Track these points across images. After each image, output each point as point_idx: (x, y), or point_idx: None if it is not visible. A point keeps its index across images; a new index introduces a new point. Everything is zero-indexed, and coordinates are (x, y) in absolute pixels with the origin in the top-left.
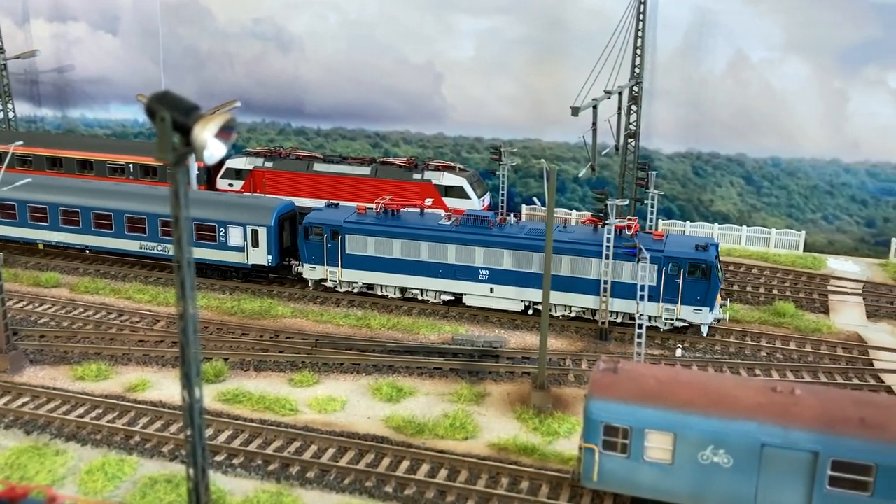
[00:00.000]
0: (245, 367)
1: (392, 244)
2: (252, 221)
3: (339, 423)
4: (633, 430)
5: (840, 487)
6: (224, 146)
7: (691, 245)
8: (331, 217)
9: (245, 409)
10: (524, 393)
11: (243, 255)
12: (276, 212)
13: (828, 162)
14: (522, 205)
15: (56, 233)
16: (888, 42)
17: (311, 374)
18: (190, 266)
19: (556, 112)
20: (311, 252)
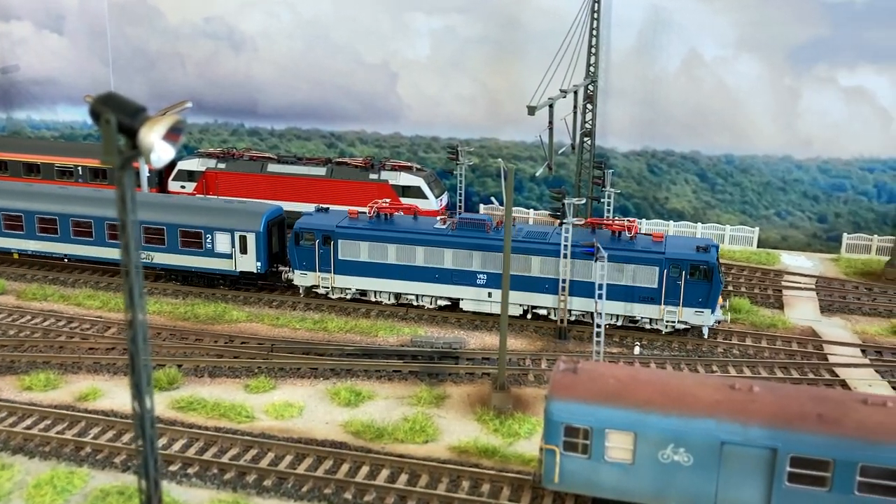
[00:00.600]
0: (199, 373)
1: (386, 249)
2: (240, 227)
3: (297, 430)
4: (594, 431)
5: (799, 483)
6: (172, 149)
7: (692, 246)
8: (322, 222)
9: (200, 416)
10: (484, 394)
11: (231, 261)
12: (265, 217)
13: (780, 159)
14: (480, 204)
15: (32, 241)
16: (837, 40)
17: (267, 379)
18: (138, 272)
19: (513, 111)
20: (302, 258)
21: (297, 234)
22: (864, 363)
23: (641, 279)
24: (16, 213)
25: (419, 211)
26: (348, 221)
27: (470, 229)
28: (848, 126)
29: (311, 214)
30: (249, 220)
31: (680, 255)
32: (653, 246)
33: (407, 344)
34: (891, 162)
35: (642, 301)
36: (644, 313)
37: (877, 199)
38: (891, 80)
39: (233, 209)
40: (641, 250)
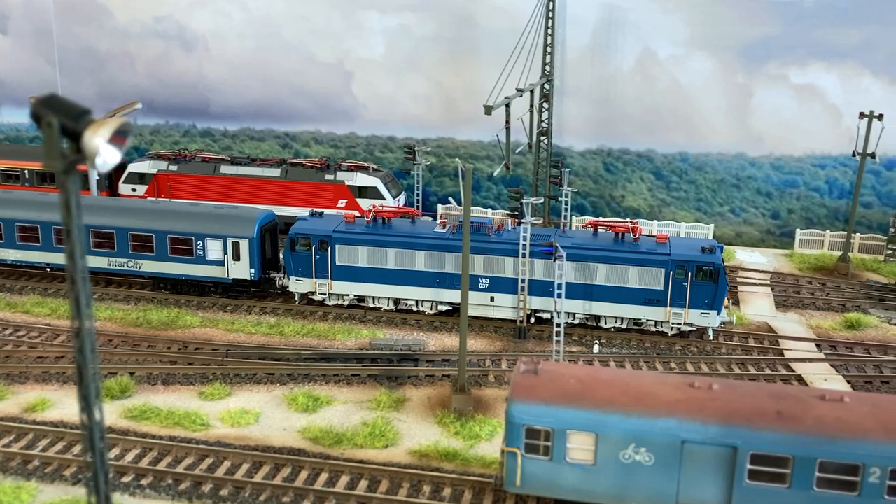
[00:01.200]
0: (152, 381)
1: (386, 254)
2: (233, 233)
3: (254, 437)
4: (555, 432)
5: (759, 481)
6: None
7: (697, 247)
8: (319, 227)
9: (153, 425)
10: (444, 396)
11: (223, 269)
12: (258, 222)
13: (734, 156)
14: (438, 204)
15: (12, 251)
16: (787, 38)
17: (222, 386)
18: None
19: (469, 110)
20: (298, 264)
21: (293, 240)
22: (819, 358)
23: (647, 281)
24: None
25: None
26: (345, 226)
27: (471, 233)
28: (799, 123)
29: (305, 219)
30: (242, 225)
31: (686, 257)
32: (657, 247)
33: (365, 347)
34: (841, 158)
35: (647, 303)
36: (649, 315)
37: (828, 195)
38: (840, 77)
39: (225, 215)
40: (646, 252)
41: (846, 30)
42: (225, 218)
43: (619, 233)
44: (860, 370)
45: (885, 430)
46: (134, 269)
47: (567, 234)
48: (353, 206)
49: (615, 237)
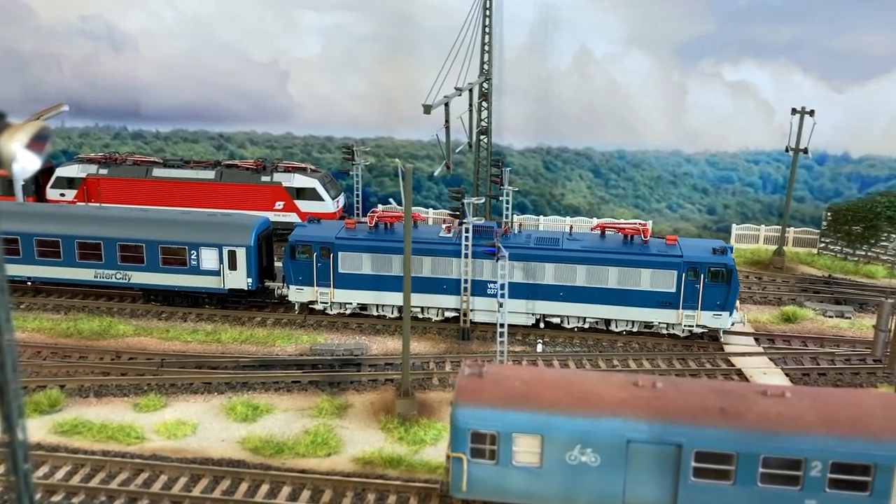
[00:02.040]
0: (84, 393)
1: (391, 260)
2: (229, 242)
3: (191, 449)
4: (501, 436)
5: (704, 478)
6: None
7: (708, 249)
8: (320, 233)
9: (85, 440)
10: (388, 401)
11: (219, 279)
12: (255, 230)
13: (670, 153)
14: (378, 205)
15: None
16: (721, 36)
17: (157, 396)
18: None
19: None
20: (299, 273)
21: (293, 248)
22: (758, 351)
23: (659, 284)
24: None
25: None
26: (347, 232)
27: (478, 237)
28: (733, 120)
29: (304, 226)
30: (238, 233)
31: (698, 259)
32: (669, 249)
33: (306, 352)
34: (775, 154)
35: (659, 306)
36: (661, 318)
37: (762, 190)
38: (772, 74)
39: (219, 223)
40: (658, 254)
41: (777, 27)
42: (220, 226)
43: (629, 235)
44: (798, 363)
45: (826, 424)
46: (123, 281)
47: (575, 236)
48: (291, 209)
49: (624, 239)
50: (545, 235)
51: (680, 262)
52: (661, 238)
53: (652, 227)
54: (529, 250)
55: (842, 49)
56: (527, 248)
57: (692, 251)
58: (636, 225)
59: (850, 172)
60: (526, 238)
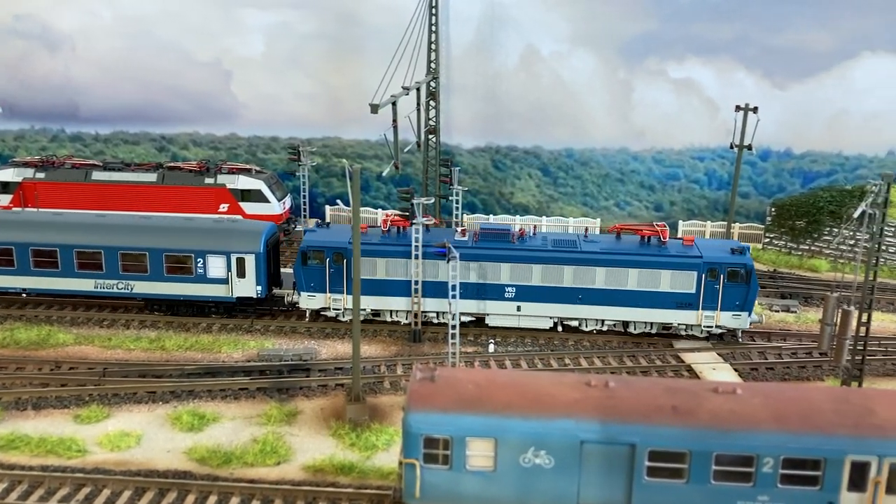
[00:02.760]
0: (21, 406)
1: (406, 265)
2: (237, 249)
3: (136, 461)
4: (454, 440)
5: (658, 477)
6: None
7: (726, 249)
8: (332, 239)
9: (23, 455)
10: (339, 406)
11: (227, 287)
12: (263, 236)
13: (617, 150)
14: (326, 206)
15: None
16: (665, 34)
17: (99, 407)
18: None
19: (355, 109)
20: (311, 279)
21: (305, 254)
22: (706, 347)
23: (678, 285)
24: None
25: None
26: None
27: (494, 240)
28: (679, 117)
29: (314, 231)
30: (247, 240)
31: (718, 259)
32: (688, 250)
33: (253, 358)
34: (719, 150)
35: (679, 307)
36: (681, 320)
37: (708, 187)
38: (716, 71)
39: (226, 229)
40: (677, 255)
41: (720, 25)
42: (227, 232)
43: (645, 236)
44: (746, 358)
45: (777, 420)
46: (125, 291)
47: (591, 238)
48: (236, 211)
49: (641, 241)
50: (562, 238)
51: (700, 263)
52: (678, 239)
53: (601, 224)
54: (547, 253)
55: (783, 46)
56: (544, 250)
57: (711, 252)
58: (654, 226)
59: (793, 168)
60: (542, 241)
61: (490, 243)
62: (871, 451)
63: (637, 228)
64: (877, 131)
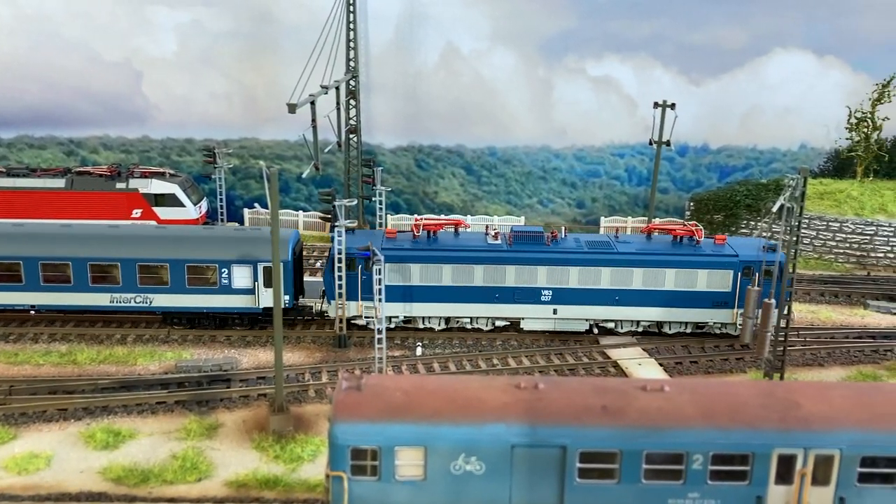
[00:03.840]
0: None
1: (441, 270)
2: (264, 257)
3: (46, 484)
4: (383, 450)
5: (589, 478)
6: None
7: (757, 247)
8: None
9: None
10: (262, 418)
11: (253, 297)
12: (291, 244)
13: (539, 148)
14: (244, 209)
15: None
16: (583, 32)
17: (5, 428)
18: None
19: (273, 109)
20: None
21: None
22: (631, 342)
23: (715, 284)
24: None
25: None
26: (391, 242)
27: (529, 243)
28: (598, 114)
29: None
30: None
31: (753, 258)
32: (722, 249)
33: (171, 370)
34: (638, 147)
35: (715, 306)
36: (717, 318)
37: (628, 183)
38: (634, 68)
39: (252, 237)
40: (713, 254)
41: (637, 23)
42: (253, 240)
43: (678, 236)
44: (671, 352)
45: (705, 417)
46: (143, 305)
47: (622, 238)
48: (150, 217)
49: (674, 240)
50: (595, 239)
51: (736, 262)
52: (710, 238)
53: (525, 222)
54: (584, 255)
55: (698, 43)
56: (582, 252)
57: (745, 250)
58: (688, 226)
59: (710, 163)
60: (576, 242)
61: (525, 246)
62: (797, 443)
63: (671, 228)
64: (789, 126)
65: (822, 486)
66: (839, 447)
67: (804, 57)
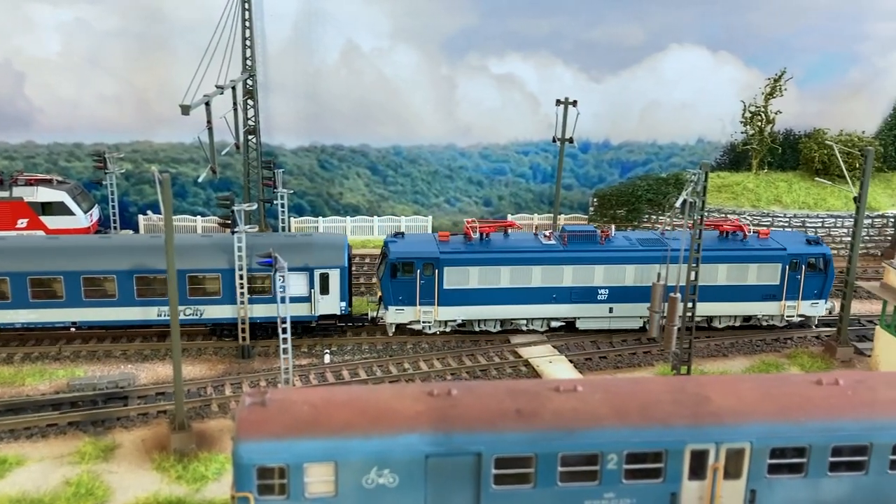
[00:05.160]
0: None
1: (499, 272)
2: (320, 264)
3: None
4: (291, 468)
5: (505, 484)
6: None
7: (801, 240)
8: (419, 249)
9: None
10: (162, 436)
11: (309, 305)
12: (345, 249)
13: (444, 147)
14: (139, 215)
15: (24, 311)
16: (485, 29)
17: None
18: None
19: (166, 110)
20: (399, 292)
21: (395, 266)
22: (542, 340)
23: (764, 277)
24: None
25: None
26: (446, 245)
27: (584, 242)
28: (502, 112)
29: (395, 241)
30: (330, 254)
31: (800, 251)
32: (769, 243)
33: (63, 390)
34: (542, 144)
35: (764, 299)
36: (766, 311)
37: (533, 180)
38: (535, 66)
39: (306, 244)
40: (762, 249)
41: (537, 20)
42: (307, 247)
43: (725, 231)
44: (580, 348)
45: (618, 416)
46: (193, 317)
47: (670, 235)
48: (37, 226)
49: (720, 236)
50: (646, 237)
51: (784, 255)
52: (755, 232)
53: (432, 222)
54: (639, 252)
55: (598, 40)
56: (636, 250)
57: (792, 244)
58: (736, 221)
59: (612, 159)
60: (627, 240)
61: (581, 245)
62: (709, 438)
63: (718, 224)
64: (686, 120)
65: (734, 480)
66: (749, 440)
67: (699, 53)
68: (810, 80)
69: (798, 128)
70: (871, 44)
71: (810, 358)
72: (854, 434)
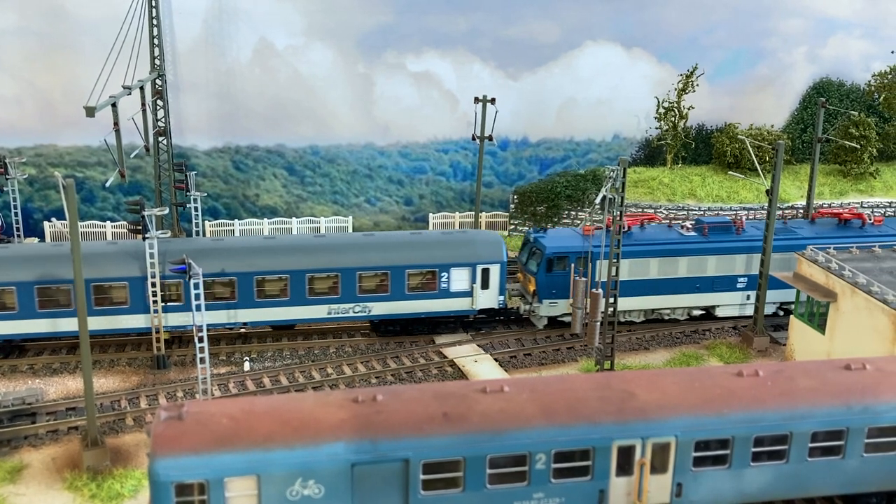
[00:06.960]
0: None
1: (648, 264)
2: (482, 259)
3: None
4: (210, 483)
5: (434, 490)
6: None
7: None
8: (574, 243)
9: None
10: (74, 454)
11: (470, 300)
12: (503, 244)
13: (363, 146)
14: (44, 222)
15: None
16: (401, 27)
17: None
18: None
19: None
20: (553, 286)
21: (551, 260)
22: (466, 339)
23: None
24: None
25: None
26: (596, 240)
27: (723, 233)
28: (421, 110)
29: (544, 236)
30: (491, 249)
31: None
32: (885, 230)
33: None
34: (462, 142)
35: None
36: None
37: (453, 178)
38: (453, 63)
39: (468, 240)
40: (880, 235)
41: (454, 17)
42: (469, 243)
43: (844, 219)
44: (504, 346)
45: (545, 415)
46: (362, 314)
47: (792, 225)
48: None
49: (839, 223)
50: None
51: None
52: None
53: (353, 222)
54: (779, 241)
55: (514, 38)
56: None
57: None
58: (853, 209)
59: (531, 156)
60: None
61: (721, 236)
62: (635, 434)
63: (838, 213)
64: (602, 117)
65: (661, 474)
66: (674, 434)
67: (613, 49)
68: (720, 75)
69: (710, 122)
70: (777, 40)
71: (728, 349)
72: (775, 424)
